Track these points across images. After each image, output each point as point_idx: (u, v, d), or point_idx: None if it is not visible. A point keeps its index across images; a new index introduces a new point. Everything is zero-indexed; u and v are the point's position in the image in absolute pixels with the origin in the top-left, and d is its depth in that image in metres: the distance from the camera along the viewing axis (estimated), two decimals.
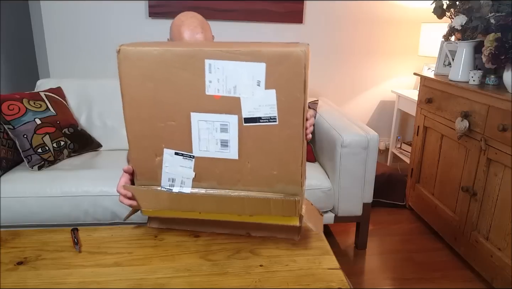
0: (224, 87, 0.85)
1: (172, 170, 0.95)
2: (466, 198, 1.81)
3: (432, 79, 2.09)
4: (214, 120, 0.88)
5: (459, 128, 1.79)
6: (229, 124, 0.88)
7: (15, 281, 0.87)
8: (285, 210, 0.94)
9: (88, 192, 1.64)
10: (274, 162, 0.90)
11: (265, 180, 0.93)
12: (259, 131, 0.88)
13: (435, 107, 2.07)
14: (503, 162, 1.57)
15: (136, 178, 0.99)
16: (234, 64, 0.83)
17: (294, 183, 0.92)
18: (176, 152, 0.93)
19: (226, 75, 0.84)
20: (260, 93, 0.84)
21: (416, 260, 1.91)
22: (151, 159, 0.95)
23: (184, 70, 0.85)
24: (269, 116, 0.86)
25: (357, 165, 1.79)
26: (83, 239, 1.04)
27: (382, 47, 2.70)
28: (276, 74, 0.82)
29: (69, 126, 1.97)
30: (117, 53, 0.86)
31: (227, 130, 0.89)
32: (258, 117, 0.86)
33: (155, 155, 0.94)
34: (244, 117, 0.87)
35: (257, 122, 0.87)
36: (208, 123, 0.89)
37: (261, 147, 0.89)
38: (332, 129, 1.87)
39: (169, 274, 0.90)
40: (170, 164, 0.94)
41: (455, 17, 1.87)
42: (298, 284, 0.87)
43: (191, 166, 0.94)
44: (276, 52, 0.81)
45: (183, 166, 0.94)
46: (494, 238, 1.64)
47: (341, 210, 1.85)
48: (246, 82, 0.84)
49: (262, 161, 0.91)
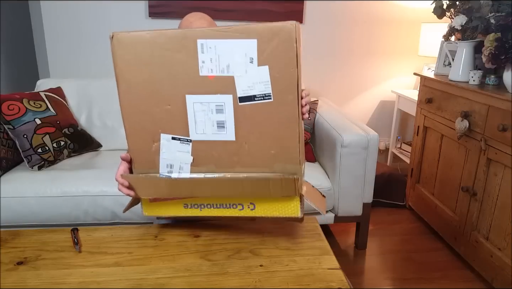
0: (217, 67, 0.85)
1: (170, 155, 0.95)
2: (466, 198, 1.81)
3: (432, 79, 2.09)
4: (210, 102, 0.88)
5: (459, 128, 1.79)
6: (224, 104, 0.88)
7: (15, 281, 0.87)
8: (285, 189, 0.93)
9: (88, 192, 1.64)
10: (271, 141, 0.90)
11: (263, 160, 0.92)
12: (255, 110, 0.87)
13: (435, 107, 2.07)
14: (503, 162, 1.57)
15: (134, 166, 0.98)
16: (226, 42, 0.83)
17: (293, 162, 0.91)
18: (173, 136, 0.93)
19: (218, 54, 0.84)
20: (253, 70, 0.84)
21: (416, 260, 1.91)
22: (148, 145, 0.94)
23: (178, 52, 0.85)
24: (264, 94, 0.86)
25: (357, 165, 1.79)
26: (83, 239, 1.04)
27: (382, 47, 2.70)
28: (268, 50, 0.82)
29: (69, 126, 1.97)
30: (111, 40, 0.86)
31: (222, 111, 0.89)
32: (253, 95, 0.86)
33: (152, 141, 0.94)
34: (239, 96, 0.87)
35: (252, 100, 0.87)
36: (204, 105, 0.89)
37: (258, 126, 0.89)
38: (332, 129, 1.87)
39: (169, 274, 0.90)
40: (167, 149, 0.94)
41: (455, 17, 1.87)
42: (298, 284, 0.87)
43: (188, 150, 0.93)
44: (266, 27, 0.81)
45: (180, 151, 0.94)
46: (494, 238, 1.64)
47: (341, 210, 1.86)
48: (239, 60, 0.84)
49: (259, 140, 0.90)
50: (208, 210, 1.02)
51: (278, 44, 0.82)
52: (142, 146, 0.95)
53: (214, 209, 1.02)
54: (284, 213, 0.99)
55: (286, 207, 0.99)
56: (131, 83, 0.89)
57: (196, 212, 1.03)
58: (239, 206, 1.01)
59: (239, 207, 1.01)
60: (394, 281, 1.75)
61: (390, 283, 1.74)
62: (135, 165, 0.98)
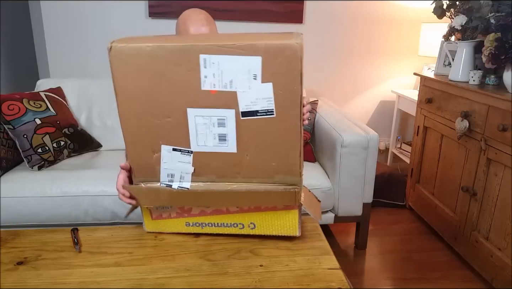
0: (220, 82, 0.84)
1: (171, 165, 0.94)
2: (466, 198, 1.81)
3: (432, 79, 2.09)
4: (211, 115, 0.88)
5: (459, 128, 1.79)
6: (226, 118, 0.88)
7: (15, 281, 0.87)
8: (286, 200, 0.95)
9: (88, 192, 1.64)
10: (273, 154, 0.90)
11: (264, 172, 0.92)
12: (257, 124, 0.87)
13: (435, 107, 2.07)
14: (503, 162, 1.57)
15: (133, 175, 0.98)
16: (230, 58, 0.82)
17: (293, 174, 0.92)
18: (174, 148, 0.93)
19: (221, 70, 0.83)
20: (257, 86, 0.84)
21: (416, 260, 1.91)
22: (149, 155, 0.94)
23: (179, 66, 0.84)
24: (267, 110, 0.86)
25: (357, 165, 1.79)
26: (83, 239, 1.04)
27: (382, 47, 2.70)
28: (272, 68, 0.82)
29: (69, 126, 1.97)
30: (109, 51, 0.84)
31: (224, 125, 0.88)
32: (256, 110, 0.86)
33: (153, 152, 0.94)
34: (241, 111, 0.86)
35: (254, 115, 0.86)
36: (205, 118, 0.88)
37: (259, 139, 0.89)
38: (332, 129, 1.87)
39: (169, 274, 0.90)
40: (168, 160, 0.94)
41: (455, 17, 1.87)
42: (298, 284, 0.87)
43: (189, 161, 0.93)
44: (272, 45, 0.80)
45: (181, 161, 0.94)
46: (494, 238, 1.64)
47: (341, 210, 1.85)
48: (242, 76, 0.83)
49: (260, 153, 0.90)
50: (210, 228, 1.04)
51: (282, 62, 0.81)
52: (142, 156, 0.95)
53: (215, 227, 1.04)
54: (283, 232, 1.02)
55: (285, 226, 1.02)
56: (130, 95, 0.88)
57: (197, 230, 1.05)
58: (239, 225, 1.03)
59: (240, 226, 1.03)
60: (394, 281, 1.75)
61: (390, 283, 1.74)
62: (136, 174, 0.98)
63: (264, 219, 1.01)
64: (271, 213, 1.00)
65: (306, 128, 2.02)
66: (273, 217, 1.01)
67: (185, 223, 1.04)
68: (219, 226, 1.03)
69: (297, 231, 1.02)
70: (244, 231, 1.03)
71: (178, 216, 1.04)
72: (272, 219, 1.01)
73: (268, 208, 1.00)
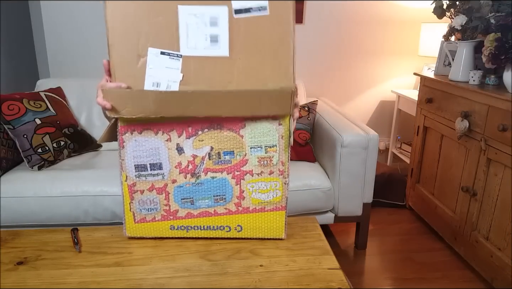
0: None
1: (157, 72, 0.88)
2: (466, 198, 1.81)
3: (432, 79, 2.09)
4: (204, 13, 0.85)
5: (459, 128, 1.79)
6: (219, 17, 0.85)
7: (15, 281, 0.87)
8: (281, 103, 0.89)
9: (88, 192, 1.64)
10: (266, 57, 0.87)
11: (257, 79, 0.89)
12: (250, 25, 0.85)
13: (435, 107, 2.07)
14: (503, 162, 1.57)
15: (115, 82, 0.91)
16: None
17: (287, 78, 0.89)
18: (162, 51, 0.87)
19: None
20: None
21: (416, 260, 1.91)
22: (134, 61, 0.88)
23: None
24: (260, 6, 0.84)
25: (357, 165, 1.79)
26: (83, 239, 1.04)
27: (382, 47, 2.70)
28: None
29: (69, 126, 1.97)
30: None
31: (217, 24, 0.85)
32: (249, 7, 0.84)
33: (138, 56, 0.87)
34: (234, 8, 0.84)
35: (248, 12, 0.84)
36: (197, 17, 0.85)
37: (252, 42, 0.86)
38: (332, 130, 1.87)
39: (169, 274, 0.90)
40: (154, 65, 0.88)
41: (455, 17, 1.87)
42: (298, 284, 0.87)
43: (178, 66, 0.88)
44: None
45: (169, 67, 0.88)
46: (494, 238, 1.64)
47: (341, 210, 1.85)
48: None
49: (253, 57, 0.87)
50: (195, 231, 1.02)
51: None
52: (127, 61, 0.87)
53: (201, 230, 1.01)
54: (269, 235, 1.02)
55: (271, 229, 1.02)
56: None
57: (182, 234, 1.02)
58: (226, 227, 1.01)
59: (226, 229, 1.01)
60: (394, 281, 1.75)
61: (390, 283, 1.74)
62: (117, 81, 0.89)
63: (251, 221, 1.00)
64: (259, 214, 1.00)
65: (306, 129, 2.02)
66: (260, 219, 1.00)
67: (169, 227, 1.01)
68: (205, 229, 1.01)
69: (283, 234, 1.01)
70: (231, 234, 1.01)
71: (163, 218, 1.00)
72: (259, 220, 1.00)
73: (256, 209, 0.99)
